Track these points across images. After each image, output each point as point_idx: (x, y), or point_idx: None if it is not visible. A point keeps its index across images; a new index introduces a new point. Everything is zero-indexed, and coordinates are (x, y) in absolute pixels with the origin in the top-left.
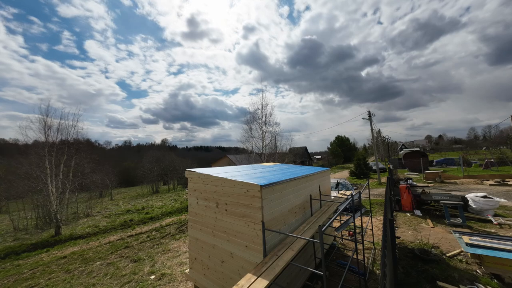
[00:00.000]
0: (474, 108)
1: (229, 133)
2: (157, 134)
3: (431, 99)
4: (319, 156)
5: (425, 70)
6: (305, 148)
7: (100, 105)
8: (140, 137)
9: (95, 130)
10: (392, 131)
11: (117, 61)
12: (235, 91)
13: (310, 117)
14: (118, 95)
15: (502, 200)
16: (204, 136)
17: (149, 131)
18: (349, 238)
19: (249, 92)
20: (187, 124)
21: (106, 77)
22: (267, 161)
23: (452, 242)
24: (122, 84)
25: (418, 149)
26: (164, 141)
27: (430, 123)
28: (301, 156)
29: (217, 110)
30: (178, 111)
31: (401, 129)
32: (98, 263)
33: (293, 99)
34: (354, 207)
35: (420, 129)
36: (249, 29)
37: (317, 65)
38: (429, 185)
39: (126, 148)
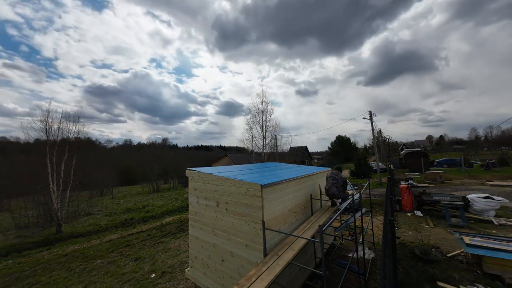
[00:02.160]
0: None
1: (211, 129)
2: (129, 131)
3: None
4: (320, 156)
5: None
6: (306, 148)
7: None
8: (103, 132)
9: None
10: (401, 132)
11: None
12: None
13: (289, 113)
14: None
15: (504, 200)
16: (185, 134)
17: (117, 127)
18: (349, 238)
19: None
20: (151, 118)
21: None
22: (268, 161)
23: (453, 242)
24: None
25: (419, 149)
26: (164, 140)
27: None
28: (301, 155)
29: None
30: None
31: (411, 127)
32: (99, 261)
33: (253, 82)
34: (355, 207)
35: (439, 125)
36: None
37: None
38: (430, 185)
39: (127, 147)
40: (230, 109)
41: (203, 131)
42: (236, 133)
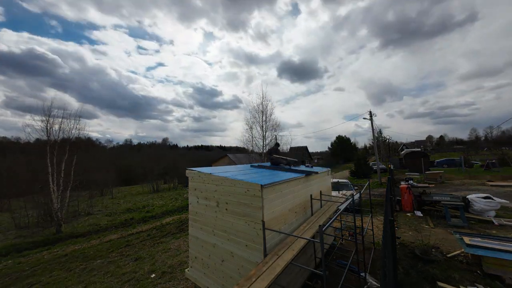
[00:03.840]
0: None
1: (194, 126)
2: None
3: None
4: (320, 156)
5: None
6: (306, 148)
7: None
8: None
9: None
10: (402, 133)
11: None
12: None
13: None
14: None
15: (504, 201)
16: (169, 131)
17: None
18: (349, 238)
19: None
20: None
21: None
22: (267, 161)
23: (453, 242)
24: None
25: (419, 149)
26: (164, 140)
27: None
28: (301, 156)
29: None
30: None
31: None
32: (98, 261)
33: (196, 58)
34: (355, 207)
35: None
36: None
37: None
38: (430, 185)
39: (127, 147)
40: (204, 95)
41: (186, 128)
42: (227, 131)
